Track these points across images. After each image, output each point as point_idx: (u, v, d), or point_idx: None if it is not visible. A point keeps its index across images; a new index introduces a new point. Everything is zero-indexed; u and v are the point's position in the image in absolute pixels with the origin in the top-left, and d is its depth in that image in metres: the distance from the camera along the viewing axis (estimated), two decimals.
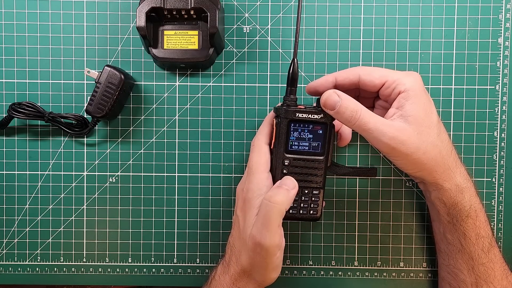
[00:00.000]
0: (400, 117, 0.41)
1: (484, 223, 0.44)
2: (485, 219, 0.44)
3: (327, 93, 0.41)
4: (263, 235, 0.39)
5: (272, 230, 0.39)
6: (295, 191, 0.41)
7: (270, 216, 0.39)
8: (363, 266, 0.52)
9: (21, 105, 0.49)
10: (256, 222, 0.40)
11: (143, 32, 0.45)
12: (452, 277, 0.46)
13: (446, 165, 0.42)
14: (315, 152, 0.43)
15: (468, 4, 0.50)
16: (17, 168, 0.51)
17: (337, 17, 0.50)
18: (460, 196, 0.43)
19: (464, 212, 0.43)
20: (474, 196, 0.43)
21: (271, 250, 0.39)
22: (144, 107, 0.51)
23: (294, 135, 0.42)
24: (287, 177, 0.42)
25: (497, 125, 0.51)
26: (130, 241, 0.52)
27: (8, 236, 0.51)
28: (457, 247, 0.44)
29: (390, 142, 0.40)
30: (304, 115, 0.42)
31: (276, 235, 0.39)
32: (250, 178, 0.42)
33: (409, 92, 0.41)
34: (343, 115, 0.40)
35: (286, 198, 0.40)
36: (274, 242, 0.39)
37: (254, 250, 0.40)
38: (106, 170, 0.51)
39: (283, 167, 0.42)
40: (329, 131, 0.43)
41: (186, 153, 0.51)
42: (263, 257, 0.40)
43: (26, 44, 0.50)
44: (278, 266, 0.42)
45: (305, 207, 0.44)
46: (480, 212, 0.43)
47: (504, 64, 0.50)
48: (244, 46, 0.51)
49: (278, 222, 0.40)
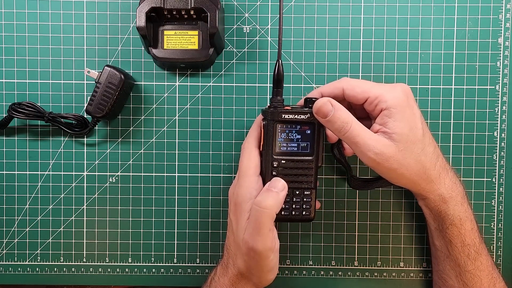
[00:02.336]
0: (384, 134, 0.41)
1: (470, 231, 0.44)
2: (471, 227, 0.44)
3: (321, 101, 0.40)
4: (255, 240, 0.39)
5: (263, 235, 0.39)
6: (284, 193, 0.41)
7: (260, 221, 0.39)
8: (363, 266, 0.52)
9: (21, 105, 0.49)
10: (248, 227, 0.40)
11: (143, 32, 0.45)
12: (442, 283, 0.47)
13: (429, 179, 0.42)
14: (304, 152, 0.43)
15: (468, 4, 0.50)
16: (17, 168, 0.51)
17: (337, 17, 0.50)
18: (443, 206, 0.43)
19: (448, 220, 0.43)
20: (460, 205, 0.43)
21: (264, 254, 0.40)
22: (144, 107, 0.51)
23: (282, 136, 0.42)
24: (276, 179, 0.42)
25: (497, 125, 0.51)
26: (130, 241, 0.52)
27: (8, 236, 0.51)
28: (445, 253, 0.45)
29: (375, 157, 0.40)
30: (291, 116, 0.41)
31: (268, 239, 0.40)
32: (240, 182, 0.42)
33: (391, 109, 0.40)
34: (333, 125, 0.40)
35: (275, 201, 0.40)
36: (266, 246, 0.39)
37: (247, 254, 0.40)
38: (106, 170, 0.51)
39: (273, 169, 0.42)
40: (317, 131, 0.42)
41: (186, 153, 0.51)
42: (257, 260, 0.40)
43: (26, 44, 0.50)
44: (274, 267, 0.42)
45: (298, 208, 0.43)
46: (465, 221, 0.43)
47: (504, 64, 0.50)
48: (244, 46, 0.51)
49: (269, 226, 0.40)
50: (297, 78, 0.51)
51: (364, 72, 0.50)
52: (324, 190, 0.51)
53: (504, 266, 0.51)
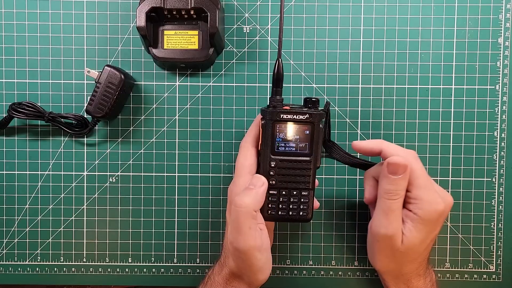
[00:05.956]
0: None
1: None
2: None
3: (403, 160, 0.40)
4: (236, 239, 0.39)
5: (244, 233, 0.39)
6: (264, 188, 0.41)
7: (239, 220, 0.39)
8: (363, 266, 0.52)
9: (21, 105, 0.49)
10: (229, 226, 0.41)
11: (143, 32, 0.45)
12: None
13: (397, 278, 0.44)
14: (302, 153, 0.42)
15: (468, 4, 0.50)
16: (17, 168, 0.51)
17: (337, 17, 0.50)
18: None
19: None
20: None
21: (248, 253, 0.39)
22: (144, 107, 0.51)
23: (280, 136, 0.42)
24: (255, 176, 0.41)
25: (497, 125, 0.51)
26: (130, 241, 0.52)
27: (8, 236, 0.51)
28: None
29: (383, 235, 0.42)
30: (289, 116, 0.41)
31: (249, 237, 0.39)
32: (235, 181, 0.42)
33: (418, 218, 0.41)
34: (391, 185, 0.41)
35: (252, 199, 0.40)
36: (248, 244, 0.39)
37: (233, 253, 0.41)
38: (106, 170, 0.51)
39: (270, 168, 0.42)
40: (316, 131, 0.42)
41: (186, 153, 0.51)
42: (243, 260, 0.40)
43: (26, 44, 0.50)
44: (263, 267, 0.41)
45: (295, 208, 0.43)
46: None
47: (504, 64, 0.50)
48: (244, 46, 0.51)
49: (249, 225, 0.39)
50: (297, 78, 0.51)
51: (364, 72, 0.50)
52: (324, 190, 0.51)
53: (504, 266, 0.51)
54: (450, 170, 0.51)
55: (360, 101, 0.51)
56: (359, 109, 0.51)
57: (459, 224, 0.51)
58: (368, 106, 0.51)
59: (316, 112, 0.41)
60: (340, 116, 0.51)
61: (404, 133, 0.51)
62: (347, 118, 0.51)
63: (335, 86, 0.51)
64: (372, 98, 0.51)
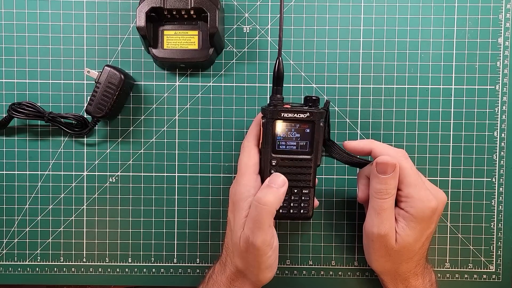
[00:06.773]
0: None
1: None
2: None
3: (391, 159, 0.41)
4: (255, 235, 0.39)
5: (264, 230, 0.39)
6: (284, 189, 0.41)
7: (261, 217, 0.39)
8: (363, 266, 0.52)
9: (21, 105, 0.49)
10: (248, 223, 0.40)
11: (143, 32, 0.45)
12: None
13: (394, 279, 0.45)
14: (303, 151, 0.42)
15: (468, 4, 0.50)
16: (17, 168, 0.51)
17: (337, 17, 0.50)
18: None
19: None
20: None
21: (262, 249, 0.40)
22: (144, 107, 0.51)
23: (281, 135, 0.42)
24: (276, 174, 0.41)
25: (497, 125, 0.51)
26: (130, 241, 0.52)
27: (8, 236, 0.51)
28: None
29: (376, 234, 0.42)
30: (290, 115, 0.41)
31: (268, 234, 0.40)
32: (238, 180, 0.42)
33: (411, 216, 0.41)
34: (381, 184, 0.41)
35: (275, 197, 0.40)
36: (266, 241, 0.39)
37: (246, 250, 0.40)
38: (106, 170, 0.51)
39: (271, 167, 0.42)
40: (317, 130, 0.42)
41: (186, 153, 0.51)
42: (255, 256, 0.40)
43: (26, 44, 0.50)
44: (271, 265, 0.42)
45: (296, 206, 0.43)
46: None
47: (504, 64, 0.50)
48: (244, 46, 0.51)
49: (269, 222, 0.40)
50: (297, 78, 0.51)
51: (364, 72, 0.50)
52: (324, 190, 0.51)
53: (504, 266, 0.51)
54: (450, 170, 0.51)
55: (360, 101, 0.51)
56: (359, 109, 0.51)
57: (459, 224, 0.51)
58: (368, 106, 0.51)
59: (317, 110, 0.42)
60: (340, 116, 0.51)
61: (404, 133, 0.51)
62: (347, 118, 0.51)
63: (335, 86, 0.51)
64: (372, 98, 0.51)
